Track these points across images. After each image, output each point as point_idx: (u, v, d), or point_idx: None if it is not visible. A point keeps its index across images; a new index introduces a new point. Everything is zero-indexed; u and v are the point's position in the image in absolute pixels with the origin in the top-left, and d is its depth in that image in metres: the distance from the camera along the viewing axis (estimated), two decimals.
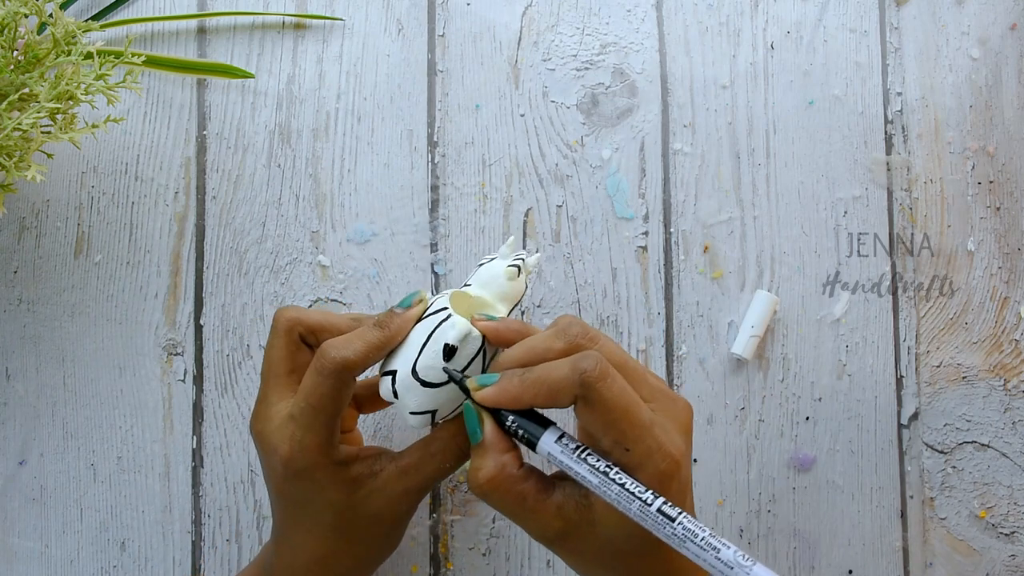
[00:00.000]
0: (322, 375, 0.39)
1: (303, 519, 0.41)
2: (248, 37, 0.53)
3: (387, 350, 0.40)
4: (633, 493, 0.35)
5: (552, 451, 0.37)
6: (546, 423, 0.38)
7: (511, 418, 0.38)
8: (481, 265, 0.43)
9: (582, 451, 0.37)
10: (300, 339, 0.42)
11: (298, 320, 0.42)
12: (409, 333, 0.40)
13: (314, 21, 0.53)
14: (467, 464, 0.40)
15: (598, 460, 0.36)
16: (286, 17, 0.53)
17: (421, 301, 0.41)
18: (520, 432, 0.38)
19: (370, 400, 0.45)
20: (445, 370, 0.39)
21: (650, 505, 0.35)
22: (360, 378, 0.42)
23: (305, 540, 0.41)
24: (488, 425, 0.38)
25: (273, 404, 0.41)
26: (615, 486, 0.36)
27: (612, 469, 0.36)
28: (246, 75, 0.52)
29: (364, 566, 0.43)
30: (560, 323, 0.39)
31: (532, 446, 0.38)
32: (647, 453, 0.36)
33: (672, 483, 0.36)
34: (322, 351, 0.39)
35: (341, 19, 0.53)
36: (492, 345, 0.40)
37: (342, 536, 0.41)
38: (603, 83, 0.53)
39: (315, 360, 0.39)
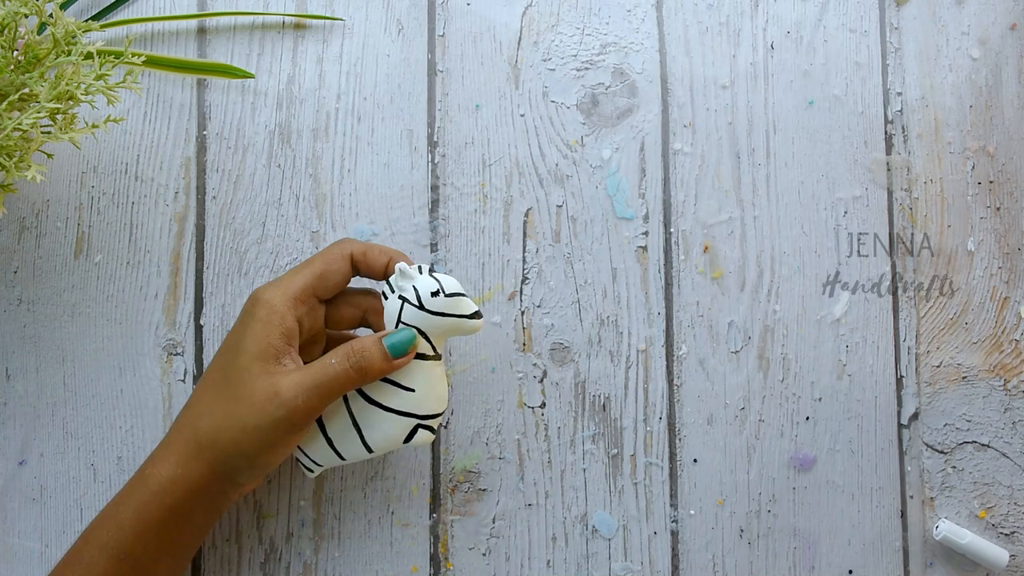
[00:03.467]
0: (330, 246, 0.46)
1: (213, 367, 0.44)
2: (248, 37, 0.53)
3: (386, 255, 0.45)
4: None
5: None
6: None
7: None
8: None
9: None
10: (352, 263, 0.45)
11: (361, 250, 0.45)
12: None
13: (314, 21, 0.53)
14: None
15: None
16: (286, 17, 0.53)
17: (416, 347, 0.44)
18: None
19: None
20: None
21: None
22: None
23: (199, 393, 0.44)
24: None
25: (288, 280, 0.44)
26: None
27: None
28: (246, 75, 0.52)
29: (223, 448, 0.42)
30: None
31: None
32: None
33: None
34: (342, 238, 0.47)
35: (341, 19, 0.53)
36: None
37: (223, 394, 0.42)
38: (603, 83, 0.53)
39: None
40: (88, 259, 0.51)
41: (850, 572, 0.51)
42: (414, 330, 0.43)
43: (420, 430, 0.44)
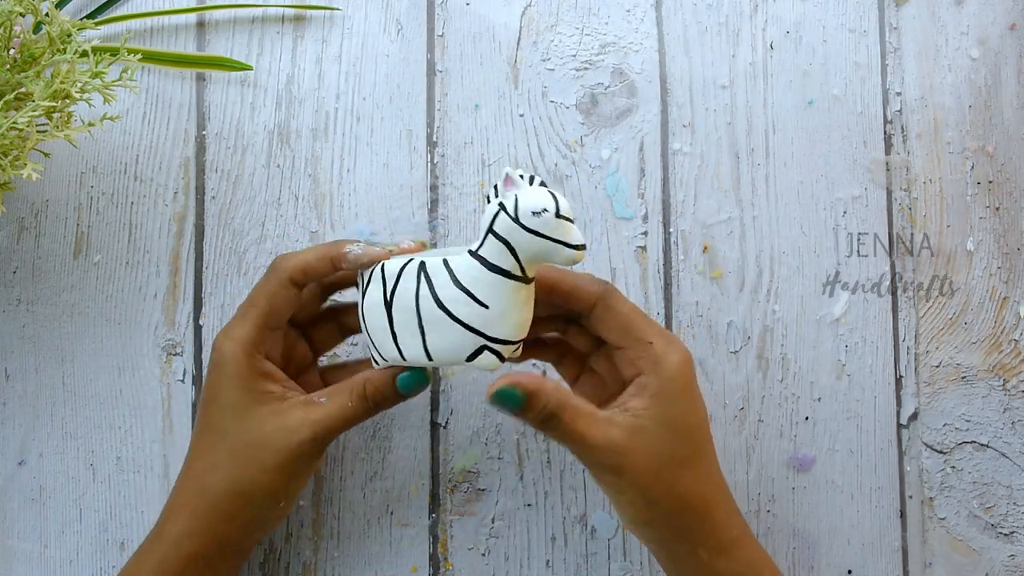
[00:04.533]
0: (265, 275, 0.43)
1: (203, 424, 0.43)
2: (247, 37, 0.53)
3: (327, 261, 0.42)
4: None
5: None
6: None
7: None
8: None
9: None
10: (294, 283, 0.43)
11: (299, 267, 0.43)
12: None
13: (314, 17, 0.53)
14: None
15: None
16: (285, 10, 0.53)
17: (387, 252, 0.42)
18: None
19: (324, 340, 0.47)
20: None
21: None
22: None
23: (197, 450, 0.43)
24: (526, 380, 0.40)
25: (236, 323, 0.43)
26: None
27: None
28: (244, 67, 0.52)
29: (239, 494, 0.42)
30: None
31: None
32: (667, 343, 0.42)
33: (690, 370, 0.42)
34: (276, 258, 0.44)
35: (338, 8, 0.53)
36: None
37: (225, 449, 0.42)
38: (602, 83, 0.53)
39: (269, 267, 0.44)
40: (87, 259, 0.51)
41: (849, 572, 0.51)
42: (425, 372, 0.41)
43: (486, 352, 0.40)
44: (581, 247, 0.39)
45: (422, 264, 0.40)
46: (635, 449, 0.40)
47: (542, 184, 0.40)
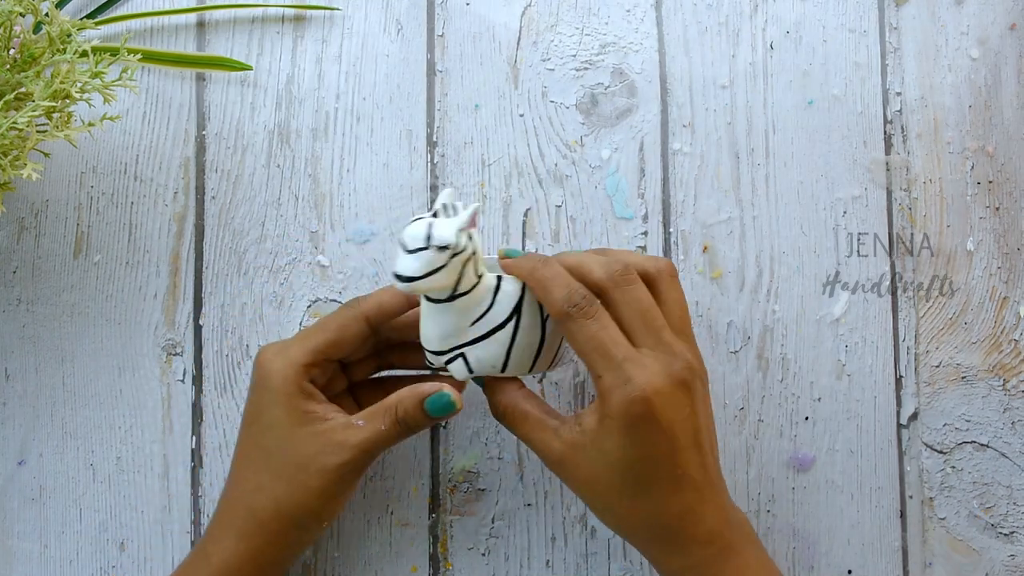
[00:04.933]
0: (340, 309, 0.45)
1: (246, 443, 0.44)
2: (247, 37, 0.53)
3: (405, 300, 0.44)
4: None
5: None
6: None
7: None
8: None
9: None
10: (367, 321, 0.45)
11: (375, 304, 0.45)
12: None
13: (314, 17, 0.53)
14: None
15: None
16: (285, 10, 0.53)
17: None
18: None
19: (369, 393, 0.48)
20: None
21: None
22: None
23: (241, 470, 0.43)
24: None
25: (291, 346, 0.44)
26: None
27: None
28: (244, 67, 0.52)
29: (284, 516, 0.42)
30: (616, 255, 0.43)
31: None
32: (616, 381, 0.39)
33: (640, 408, 0.39)
34: (352, 299, 0.45)
35: (338, 8, 0.53)
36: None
37: (269, 470, 0.42)
38: (602, 83, 0.53)
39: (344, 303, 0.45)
40: (87, 259, 0.51)
41: (849, 572, 0.51)
42: (452, 396, 0.43)
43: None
44: (395, 275, 0.40)
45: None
46: (575, 464, 0.41)
47: (433, 214, 0.41)
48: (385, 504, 0.50)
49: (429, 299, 0.42)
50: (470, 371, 0.43)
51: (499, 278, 0.43)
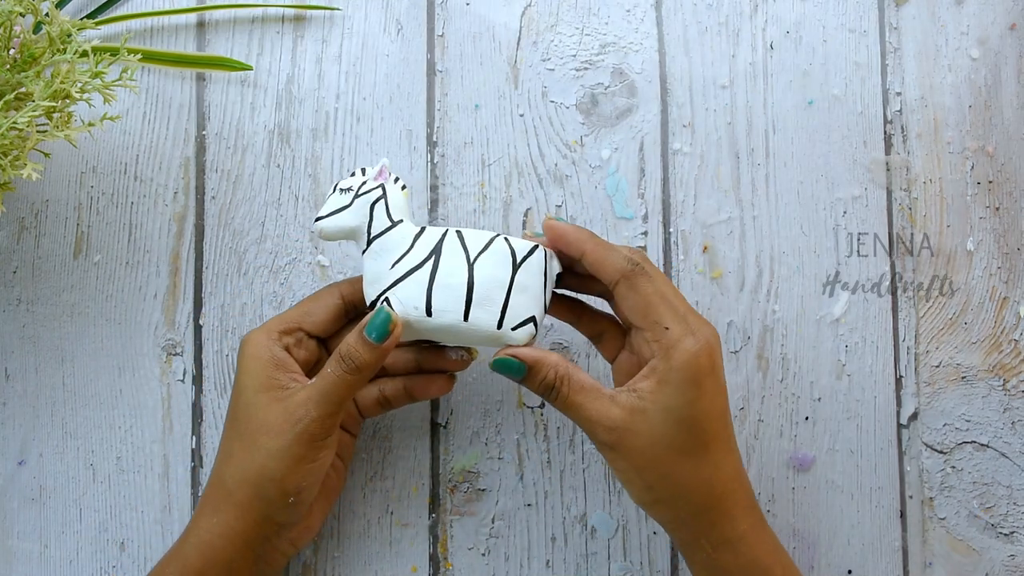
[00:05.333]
0: (322, 289, 0.46)
1: (227, 416, 0.44)
2: (247, 37, 0.53)
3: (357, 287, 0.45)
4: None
5: None
6: None
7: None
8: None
9: None
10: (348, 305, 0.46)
11: (348, 282, 0.46)
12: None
13: (314, 17, 0.53)
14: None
15: None
16: (285, 10, 0.53)
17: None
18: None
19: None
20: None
21: None
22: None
23: (222, 442, 0.44)
24: (528, 349, 0.43)
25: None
26: None
27: None
28: (244, 67, 0.52)
29: (249, 483, 0.42)
30: (628, 248, 0.43)
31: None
32: (684, 331, 0.41)
33: (706, 360, 0.41)
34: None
35: (338, 8, 0.53)
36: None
37: (236, 436, 0.43)
38: (602, 83, 0.53)
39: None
40: (87, 259, 0.51)
41: (849, 572, 0.51)
42: (387, 309, 0.42)
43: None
44: (317, 218, 0.44)
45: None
46: (633, 430, 0.41)
47: (396, 180, 0.45)
48: (385, 504, 0.50)
49: (361, 252, 0.44)
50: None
51: (422, 228, 0.44)
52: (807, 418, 0.52)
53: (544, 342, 0.51)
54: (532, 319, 0.43)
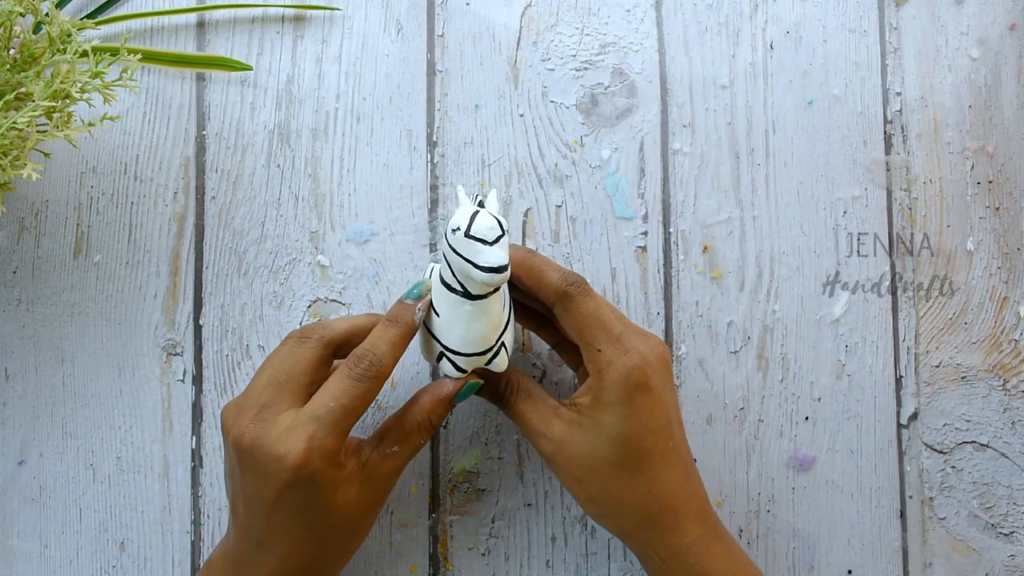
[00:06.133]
0: (360, 380, 0.40)
1: (297, 526, 0.40)
2: (247, 37, 0.53)
3: (407, 343, 0.42)
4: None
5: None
6: None
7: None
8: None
9: None
10: (332, 353, 0.43)
11: (331, 335, 0.43)
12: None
13: (314, 17, 0.53)
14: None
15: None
16: (285, 10, 0.53)
17: (428, 290, 0.43)
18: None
19: None
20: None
21: None
22: None
23: (297, 547, 0.41)
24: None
25: (283, 411, 0.40)
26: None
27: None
28: (244, 67, 0.52)
29: (345, 560, 0.44)
30: (567, 272, 0.44)
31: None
32: (616, 352, 0.42)
33: (638, 378, 0.41)
34: (358, 357, 0.41)
35: (338, 8, 0.53)
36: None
37: (334, 535, 0.41)
38: (602, 83, 0.53)
39: (349, 366, 0.41)
40: (87, 259, 0.51)
41: (849, 572, 0.51)
42: (473, 378, 0.44)
43: (444, 359, 0.43)
44: (491, 270, 0.38)
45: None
46: (571, 443, 0.42)
47: (481, 204, 0.42)
48: (385, 504, 0.50)
49: (474, 297, 0.41)
50: (507, 359, 0.44)
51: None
52: (807, 418, 0.52)
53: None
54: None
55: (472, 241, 0.39)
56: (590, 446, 0.42)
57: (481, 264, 0.39)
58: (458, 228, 0.39)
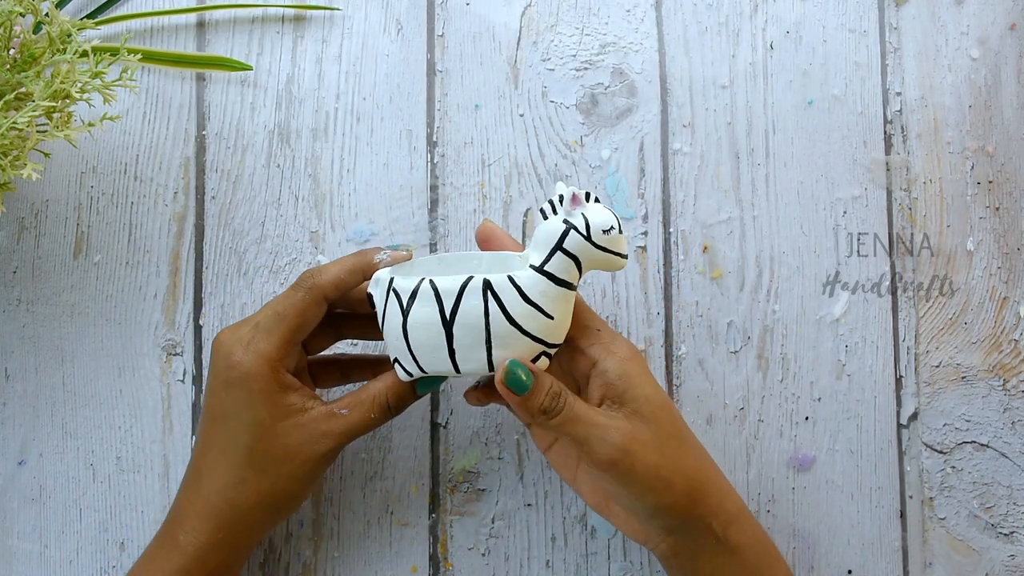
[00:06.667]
0: (295, 289, 0.43)
1: (220, 438, 0.42)
2: (247, 37, 0.53)
3: (359, 273, 0.43)
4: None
5: None
6: None
7: None
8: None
9: None
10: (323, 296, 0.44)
11: (332, 283, 0.43)
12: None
13: (314, 17, 0.53)
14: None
15: None
16: (285, 10, 0.53)
17: (410, 253, 0.44)
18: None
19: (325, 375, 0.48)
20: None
21: None
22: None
23: (216, 464, 0.42)
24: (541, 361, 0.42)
25: (251, 324, 0.43)
26: None
27: None
28: (244, 67, 0.52)
29: (267, 506, 0.43)
30: None
31: None
32: (611, 334, 0.44)
33: (641, 356, 0.44)
34: (303, 274, 0.43)
35: (338, 8, 0.53)
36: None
37: (251, 465, 0.42)
38: (602, 83, 0.53)
39: (296, 280, 0.43)
40: (87, 259, 0.51)
41: (849, 572, 0.51)
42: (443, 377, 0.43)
43: (543, 357, 0.42)
44: (625, 256, 0.43)
45: (487, 283, 0.40)
46: (638, 428, 0.41)
47: (596, 200, 0.42)
48: (385, 504, 0.50)
49: (575, 287, 0.42)
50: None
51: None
52: (807, 418, 0.52)
53: None
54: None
55: (622, 236, 0.43)
56: (654, 426, 0.42)
57: (625, 252, 0.43)
58: (612, 228, 0.42)
